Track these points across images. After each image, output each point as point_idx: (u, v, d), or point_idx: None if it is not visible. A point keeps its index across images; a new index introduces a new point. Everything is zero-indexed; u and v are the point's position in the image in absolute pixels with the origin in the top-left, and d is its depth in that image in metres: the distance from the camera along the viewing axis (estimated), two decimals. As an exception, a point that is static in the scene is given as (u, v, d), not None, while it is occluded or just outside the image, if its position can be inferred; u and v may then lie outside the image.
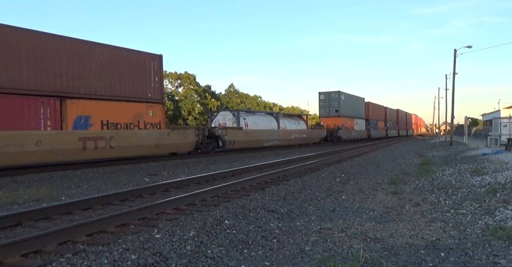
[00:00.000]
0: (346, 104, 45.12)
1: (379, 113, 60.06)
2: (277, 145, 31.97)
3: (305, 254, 5.04)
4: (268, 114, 36.44)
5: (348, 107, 45.94)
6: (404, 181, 11.64)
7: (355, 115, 48.37)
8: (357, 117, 49.35)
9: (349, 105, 46.19)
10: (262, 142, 29.84)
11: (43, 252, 5.03)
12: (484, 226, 6.14)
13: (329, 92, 44.42)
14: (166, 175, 13.86)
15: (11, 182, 12.17)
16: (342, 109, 44.03)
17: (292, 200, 8.76)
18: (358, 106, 49.76)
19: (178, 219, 6.66)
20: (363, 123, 51.71)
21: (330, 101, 44.08)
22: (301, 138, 35.75)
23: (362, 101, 52.45)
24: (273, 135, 31.23)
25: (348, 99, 46.02)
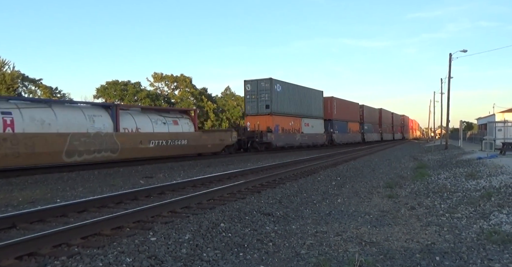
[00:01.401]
0: (284, 98, 33.42)
1: (351, 112, 49.09)
2: (107, 159, 18.21)
3: (301, 257, 5.04)
4: (93, 106, 20.03)
5: (288, 102, 34.24)
6: (400, 185, 11.67)
7: (304, 114, 36.69)
8: (308, 116, 37.59)
9: (291, 99, 34.66)
10: (58, 156, 15.67)
11: (38, 255, 5.00)
12: (479, 230, 6.17)
13: (257, 81, 31.79)
14: (162, 178, 13.83)
15: (6, 184, 12.10)
16: (277, 104, 32.04)
17: (288, 203, 8.76)
18: (310, 102, 38.02)
19: (173, 222, 6.64)
20: (319, 125, 40.06)
21: (259, 93, 31.72)
22: (178, 146, 21.57)
23: (318, 96, 40.28)
24: (93, 142, 17.03)
25: (288, 91, 34.16)
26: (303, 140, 36.20)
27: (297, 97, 35.62)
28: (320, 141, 39.65)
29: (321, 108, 40.68)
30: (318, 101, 39.90)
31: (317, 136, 39.06)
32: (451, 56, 37.11)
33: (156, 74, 55.04)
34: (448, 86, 37.60)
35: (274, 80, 31.79)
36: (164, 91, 55.99)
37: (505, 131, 29.60)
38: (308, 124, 37.49)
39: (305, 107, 36.94)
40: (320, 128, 40.24)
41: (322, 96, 40.94)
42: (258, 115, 31.60)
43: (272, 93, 31.45)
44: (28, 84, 43.54)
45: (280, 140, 32.26)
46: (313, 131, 38.50)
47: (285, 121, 33.50)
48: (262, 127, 30.64)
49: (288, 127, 34.08)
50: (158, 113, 22.25)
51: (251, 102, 32.11)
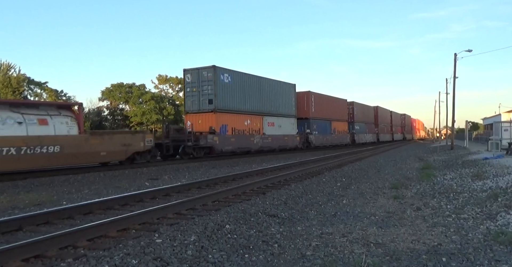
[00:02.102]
0: (236, 91, 26.57)
1: (335, 110, 42.26)
2: None
3: (306, 259, 5.03)
4: None
5: (242, 96, 27.33)
6: (405, 186, 11.61)
7: (266, 111, 29.78)
8: (273, 113, 30.64)
9: (246, 93, 27.64)
10: None
11: (44, 257, 5.03)
12: (485, 231, 6.12)
13: (198, 70, 25.17)
14: (167, 180, 13.86)
15: (12, 187, 12.18)
16: (223, 98, 25.22)
17: (293, 205, 8.74)
18: (276, 97, 31.16)
19: (179, 224, 6.65)
20: (290, 124, 33.16)
21: (200, 85, 25.00)
22: (42, 155, 14.84)
23: (288, 90, 33.17)
24: None
25: (241, 83, 27.08)
26: (265, 143, 28.87)
27: (255, 90, 28.46)
28: (291, 144, 32.45)
29: (293, 105, 33.25)
30: (288, 96, 32.70)
31: (286, 138, 31.68)
32: (456, 56, 36.96)
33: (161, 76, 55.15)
34: (454, 86, 37.45)
35: (219, 68, 24.87)
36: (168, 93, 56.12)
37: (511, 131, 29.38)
38: (272, 124, 30.20)
39: (268, 103, 29.74)
40: (291, 128, 32.77)
41: (294, 90, 33.57)
42: (200, 112, 24.99)
43: (217, 85, 24.59)
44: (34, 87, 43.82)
45: (227, 143, 25.11)
46: (280, 132, 31.06)
47: (237, 120, 26.39)
48: (204, 127, 24.45)
49: (241, 127, 26.79)
50: (14, 108, 15.02)
51: (192, 97, 25.36)
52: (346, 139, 44.77)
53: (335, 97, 42.97)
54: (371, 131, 55.79)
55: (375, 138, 57.27)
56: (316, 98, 37.36)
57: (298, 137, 33.82)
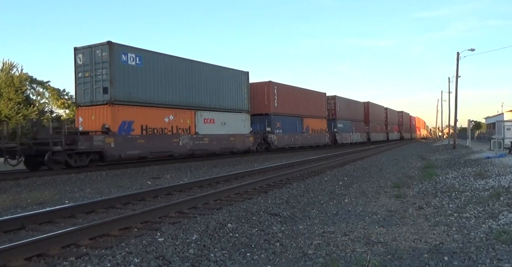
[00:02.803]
0: (149, 77, 19.90)
1: (309, 105, 35.74)
2: None
3: (308, 257, 5.03)
4: None
5: (160, 84, 20.49)
6: (407, 185, 11.60)
7: (202, 104, 23.28)
8: (214, 108, 24.19)
9: (166, 81, 20.91)
10: None
11: (47, 256, 5.04)
12: (488, 230, 6.12)
13: (91, 48, 18.73)
14: (169, 179, 13.88)
15: (15, 186, 12.21)
16: (127, 86, 18.75)
17: (295, 204, 8.75)
18: (219, 88, 24.68)
19: (181, 223, 6.66)
20: (241, 122, 26.50)
21: (94, 68, 18.55)
22: None
23: (238, 79, 26.56)
24: None
25: (157, 67, 20.40)
26: (198, 145, 22.31)
27: (183, 78, 21.82)
28: (240, 146, 25.92)
29: (245, 97, 26.88)
30: (237, 87, 26.17)
31: (233, 139, 25.04)
32: (459, 55, 36.88)
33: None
34: (456, 85, 37.38)
35: (118, 45, 18.24)
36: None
37: (514, 130, 29.28)
38: (212, 120, 23.77)
39: (205, 95, 23.38)
40: (240, 126, 26.17)
41: (246, 80, 27.18)
42: (93, 105, 18.53)
43: (115, 68, 17.95)
44: (36, 86, 43.89)
45: (131, 146, 18.28)
46: (224, 130, 24.53)
47: (150, 116, 19.80)
48: (98, 125, 18.14)
49: (159, 124, 20.26)
50: None
51: (84, 84, 18.81)
52: (324, 139, 38.30)
53: (309, 90, 36.43)
54: (360, 130, 49.59)
55: (365, 137, 51.27)
56: (280, 90, 31.22)
57: (252, 137, 26.91)
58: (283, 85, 32.19)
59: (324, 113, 39.28)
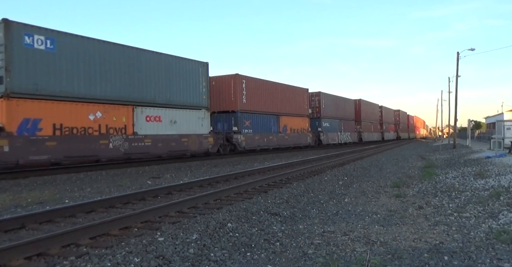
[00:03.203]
0: (63, 65, 15.89)
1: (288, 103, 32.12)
2: None
3: (308, 257, 5.04)
4: None
5: (82, 74, 16.61)
6: (407, 184, 11.61)
7: (146, 99, 19.24)
8: (162, 104, 20.19)
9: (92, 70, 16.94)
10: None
11: (47, 255, 5.05)
12: (487, 230, 6.12)
13: None
14: (169, 178, 13.88)
15: (15, 185, 12.22)
16: (32, 75, 14.87)
17: (295, 203, 8.75)
18: (169, 80, 20.70)
19: (181, 222, 6.66)
20: (198, 120, 22.45)
21: None
22: None
23: (195, 70, 22.45)
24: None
25: (77, 52, 16.43)
26: (136, 148, 18.07)
27: (115, 67, 17.71)
28: (195, 148, 21.78)
29: (203, 92, 22.70)
30: (193, 80, 22.13)
31: (185, 140, 20.89)
32: (459, 55, 36.88)
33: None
34: (456, 85, 37.39)
35: (18, 24, 14.51)
36: None
37: (514, 129, 29.28)
38: (157, 118, 19.70)
39: (150, 88, 19.32)
40: (197, 125, 22.22)
41: (205, 72, 22.83)
42: None
43: (13, 52, 14.32)
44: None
45: (35, 150, 14.47)
46: (174, 130, 20.57)
47: (67, 112, 15.91)
48: None
49: (80, 123, 16.25)
50: None
51: None
52: (306, 140, 34.55)
53: (287, 85, 32.91)
54: (350, 129, 45.92)
55: (356, 137, 47.64)
56: (250, 85, 27.50)
57: (212, 138, 23.03)
58: (254, 79, 28.18)
59: (306, 111, 35.28)
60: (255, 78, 28.44)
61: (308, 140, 35.00)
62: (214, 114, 25.88)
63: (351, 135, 45.71)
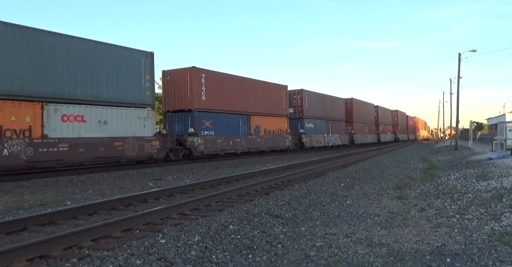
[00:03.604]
0: None
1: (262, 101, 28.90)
2: None
3: (310, 259, 5.03)
4: None
5: None
6: (409, 186, 11.59)
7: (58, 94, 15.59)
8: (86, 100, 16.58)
9: None
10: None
11: (49, 257, 5.05)
12: (490, 232, 6.10)
13: None
14: (170, 180, 13.88)
15: (17, 187, 12.23)
16: None
17: (296, 205, 8.74)
18: (95, 71, 16.95)
19: (183, 224, 6.66)
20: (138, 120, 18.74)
21: None
22: None
23: (132, 60, 18.61)
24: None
25: None
26: (44, 155, 14.74)
27: (16, 55, 14.43)
28: (134, 153, 18.08)
29: (147, 88, 19.07)
30: (133, 73, 18.54)
31: (118, 144, 17.38)
32: (460, 56, 36.84)
33: (164, 77, 54.96)
34: (458, 86, 37.32)
35: None
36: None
37: (516, 131, 29.22)
38: (80, 118, 16.27)
39: (70, 81, 16.06)
40: (138, 126, 18.51)
41: (150, 64, 19.26)
42: None
43: None
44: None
45: None
46: (106, 132, 17.05)
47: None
48: None
49: None
50: None
51: None
52: (284, 142, 31.25)
53: (261, 81, 29.28)
54: (339, 131, 42.50)
55: (347, 139, 44.38)
56: (211, 80, 24.02)
57: (158, 142, 19.47)
58: (217, 73, 24.73)
59: (284, 110, 31.82)
60: (219, 72, 25.00)
61: (287, 143, 31.67)
62: (169, 114, 23.66)
63: (340, 137, 42.51)
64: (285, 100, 32.05)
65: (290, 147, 32.17)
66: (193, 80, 22.91)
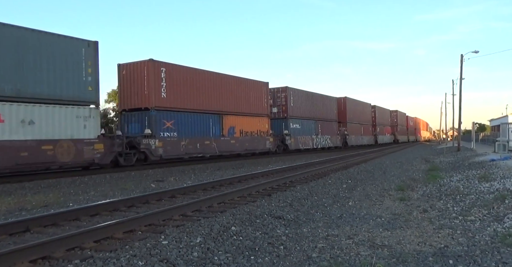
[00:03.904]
0: None
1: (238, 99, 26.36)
2: None
3: (312, 261, 5.03)
4: None
5: None
6: (412, 187, 11.57)
7: None
8: None
9: None
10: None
11: (51, 258, 5.06)
12: (493, 233, 6.09)
13: None
14: (172, 181, 13.89)
15: (19, 188, 12.26)
16: None
17: (298, 207, 8.73)
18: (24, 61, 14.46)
19: (185, 226, 6.67)
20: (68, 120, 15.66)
21: None
22: None
23: (70, 51, 15.90)
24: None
25: None
26: None
27: None
28: (69, 159, 15.53)
29: (89, 82, 16.64)
30: (71, 64, 16.05)
31: (48, 148, 14.78)
32: (463, 57, 36.80)
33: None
34: (460, 87, 37.28)
35: None
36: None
37: (518, 132, 29.13)
38: None
39: None
40: (77, 127, 15.98)
41: (93, 54, 16.83)
42: None
43: None
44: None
45: None
46: (32, 134, 14.49)
47: None
48: None
49: None
50: None
51: None
52: (264, 145, 28.69)
53: (235, 77, 26.50)
54: (331, 132, 39.92)
55: (339, 141, 41.79)
56: (173, 74, 21.34)
57: (101, 145, 16.88)
58: (180, 67, 22.01)
59: (265, 109, 29.14)
60: (183, 66, 22.23)
61: (267, 145, 28.92)
62: (125, 113, 21.11)
63: (332, 138, 39.76)
64: (265, 99, 29.30)
65: (271, 149, 29.66)
66: (150, 75, 20.16)
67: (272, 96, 31.16)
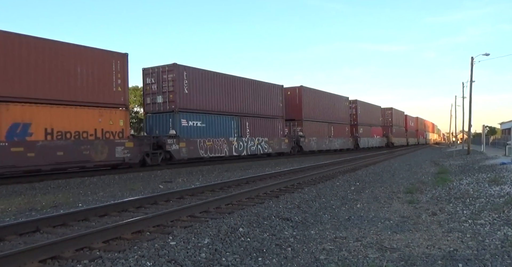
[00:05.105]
0: None
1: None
2: None
3: (320, 263, 5.01)
4: None
5: None
6: (420, 190, 11.48)
7: None
8: None
9: None
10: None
11: (61, 258, 5.10)
12: (503, 237, 6.02)
13: None
14: (180, 182, 13.94)
15: (30, 189, 12.39)
16: None
17: (306, 208, 8.71)
18: None
19: (193, 227, 6.69)
20: None
21: None
22: None
23: None
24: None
25: None
26: None
27: None
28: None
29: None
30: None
31: None
32: (473, 60, 36.47)
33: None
34: (470, 90, 36.92)
35: None
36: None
37: (529, 135, 28.81)
38: None
39: None
40: None
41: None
42: None
43: None
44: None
45: None
46: None
47: None
48: None
49: None
50: None
51: None
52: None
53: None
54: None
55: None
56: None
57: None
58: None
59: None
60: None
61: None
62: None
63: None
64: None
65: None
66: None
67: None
